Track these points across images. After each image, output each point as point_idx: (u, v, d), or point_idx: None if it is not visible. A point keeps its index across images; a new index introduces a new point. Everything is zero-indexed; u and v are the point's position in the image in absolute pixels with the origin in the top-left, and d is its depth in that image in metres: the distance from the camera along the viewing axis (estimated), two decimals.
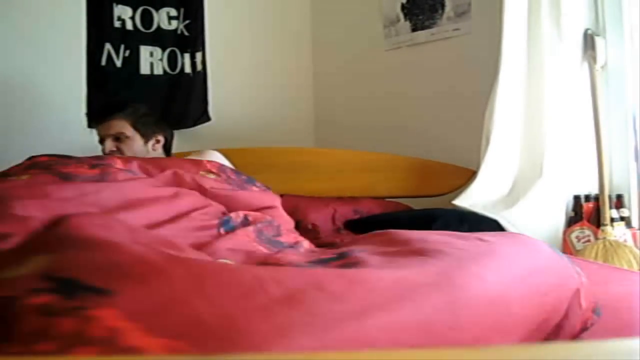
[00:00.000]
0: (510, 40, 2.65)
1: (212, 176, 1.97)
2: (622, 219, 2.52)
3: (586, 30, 2.71)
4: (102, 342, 0.68)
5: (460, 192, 2.72)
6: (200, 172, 1.96)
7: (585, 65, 2.68)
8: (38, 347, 0.67)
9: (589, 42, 2.69)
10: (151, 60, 3.45)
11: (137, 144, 2.51)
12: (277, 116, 3.78)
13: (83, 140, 2.81)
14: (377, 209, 2.80)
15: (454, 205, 2.68)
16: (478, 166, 2.71)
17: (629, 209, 2.56)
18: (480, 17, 3.08)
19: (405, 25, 3.43)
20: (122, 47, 3.39)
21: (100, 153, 2.50)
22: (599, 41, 2.66)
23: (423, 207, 2.88)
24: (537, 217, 2.59)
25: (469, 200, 2.67)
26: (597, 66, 2.65)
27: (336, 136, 3.74)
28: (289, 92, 3.85)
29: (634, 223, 2.55)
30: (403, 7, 3.44)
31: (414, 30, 3.40)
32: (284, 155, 3.05)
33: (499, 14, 2.68)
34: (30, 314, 0.71)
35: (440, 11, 3.28)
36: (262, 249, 1.50)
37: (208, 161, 2.10)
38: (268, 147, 3.20)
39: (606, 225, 2.49)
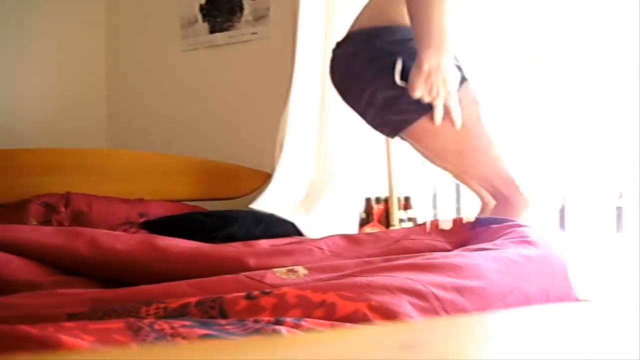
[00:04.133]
0: (306, 46, 2.69)
1: None
2: (409, 219, 2.64)
3: None
4: None
5: (257, 196, 2.71)
6: None
7: None
8: None
9: None
10: None
11: None
12: (67, 116, 3.57)
13: None
14: (166, 212, 2.69)
15: (251, 208, 2.66)
16: (273, 169, 2.71)
17: (416, 210, 2.69)
18: (279, 22, 3.09)
19: (203, 26, 3.38)
20: None
21: None
22: None
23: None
24: (332, 219, 2.64)
25: (267, 203, 2.67)
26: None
27: (130, 137, 3.60)
28: (80, 91, 3.65)
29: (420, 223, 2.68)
30: (201, 8, 3.38)
31: (212, 32, 3.35)
32: (73, 156, 2.87)
33: (296, 20, 2.70)
34: None
35: (238, 14, 3.26)
36: None
37: None
38: (56, 148, 3.00)
39: (394, 225, 2.60)
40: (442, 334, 0.29)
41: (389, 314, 1.11)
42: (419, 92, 1.79)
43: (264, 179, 2.82)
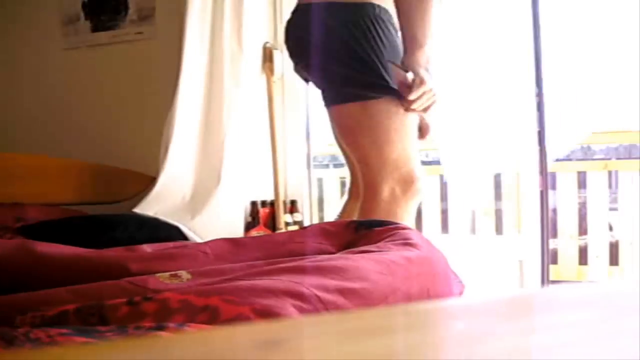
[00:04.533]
0: (192, 49, 2.67)
1: None
2: (295, 222, 2.66)
3: (265, 43, 2.82)
4: None
5: (141, 199, 2.65)
6: None
7: (264, 76, 2.79)
8: None
9: (267, 54, 2.80)
10: None
11: None
12: None
13: None
14: (45, 216, 2.59)
15: (134, 212, 2.60)
16: (158, 172, 2.67)
17: (302, 214, 2.71)
18: (165, 23, 3.05)
19: (86, 24, 3.28)
20: None
21: None
22: (276, 54, 2.80)
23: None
24: (218, 223, 2.63)
25: (151, 207, 2.62)
26: (274, 78, 2.78)
27: (9, 140, 3.44)
28: None
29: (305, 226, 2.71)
30: (84, 5, 3.28)
31: (94, 30, 3.26)
32: None
33: (182, 21, 2.67)
34: None
35: (123, 13, 3.18)
36: None
37: None
38: None
39: (281, 229, 2.61)
40: (304, 332, 0.29)
41: (272, 317, 1.12)
42: (414, 95, 1.82)
43: (148, 182, 2.76)
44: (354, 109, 1.92)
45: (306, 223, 2.70)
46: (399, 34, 1.91)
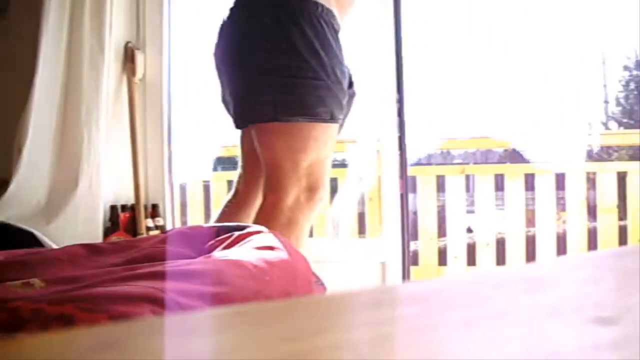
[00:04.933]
0: (48, 47, 2.57)
1: None
2: (157, 227, 2.62)
3: (127, 43, 2.76)
4: None
5: None
6: None
7: (125, 77, 2.73)
8: None
9: (129, 55, 2.74)
10: None
11: None
12: None
13: None
14: None
15: None
16: (10, 175, 2.55)
17: (164, 218, 2.67)
18: (19, 20, 2.90)
19: None
20: None
21: None
22: (138, 54, 2.74)
23: None
24: (75, 229, 2.55)
25: (2, 212, 2.50)
26: (136, 79, 2.72)
27: None
28: None
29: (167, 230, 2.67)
30: None
31: None
32: None
33: (39, 18, 2.57)
34: None
35: None
36: None
37: None
38: None
39: (142, 234, 2.56)
40: (143, 333, 0.29)
41: None
42: None
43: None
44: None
45: (168, 227, 2.66)
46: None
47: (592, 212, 4.00)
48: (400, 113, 2.69)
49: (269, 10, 1.87)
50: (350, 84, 2.01)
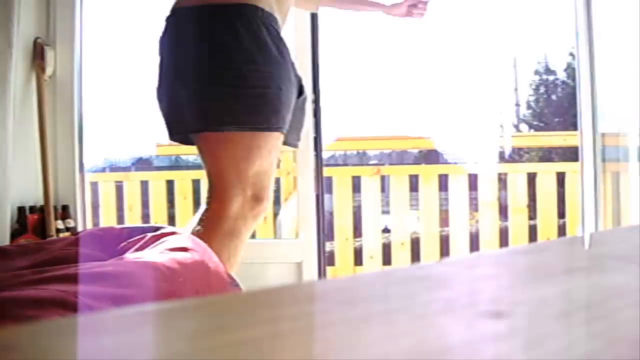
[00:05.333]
0: None
1: None
2: (67, 229, 2.56)
3: (36, 39, 2.68)
4: None
5: None
6: None
7: (34, 74, 2.66)
8: None
9: (38, 51, 2.67)
10: None
11: None
12: None
13: None
14: None
15: None
16: None
17: (75, 219, 2.61)
18: None
19: None
20: None
21: None
22: (48, 51, 2.67)
23: None
24: None
25: None
26: (45, 76, 2.65)
27: None
28: None
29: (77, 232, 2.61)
30: None
31: None
32: None
33: None
34: None
35: None
36: None
37: None
38: None
39: (52, 236, 2.49)
40: (46, 334, 0.29)
41: None
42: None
43: None
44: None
45: (80, 229, 2.60)
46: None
47: (503, 211, 4.13)
48: (316, 114, 2.71)
49: (205, 15, 1.83)
50: (301, 91, 1.99)
